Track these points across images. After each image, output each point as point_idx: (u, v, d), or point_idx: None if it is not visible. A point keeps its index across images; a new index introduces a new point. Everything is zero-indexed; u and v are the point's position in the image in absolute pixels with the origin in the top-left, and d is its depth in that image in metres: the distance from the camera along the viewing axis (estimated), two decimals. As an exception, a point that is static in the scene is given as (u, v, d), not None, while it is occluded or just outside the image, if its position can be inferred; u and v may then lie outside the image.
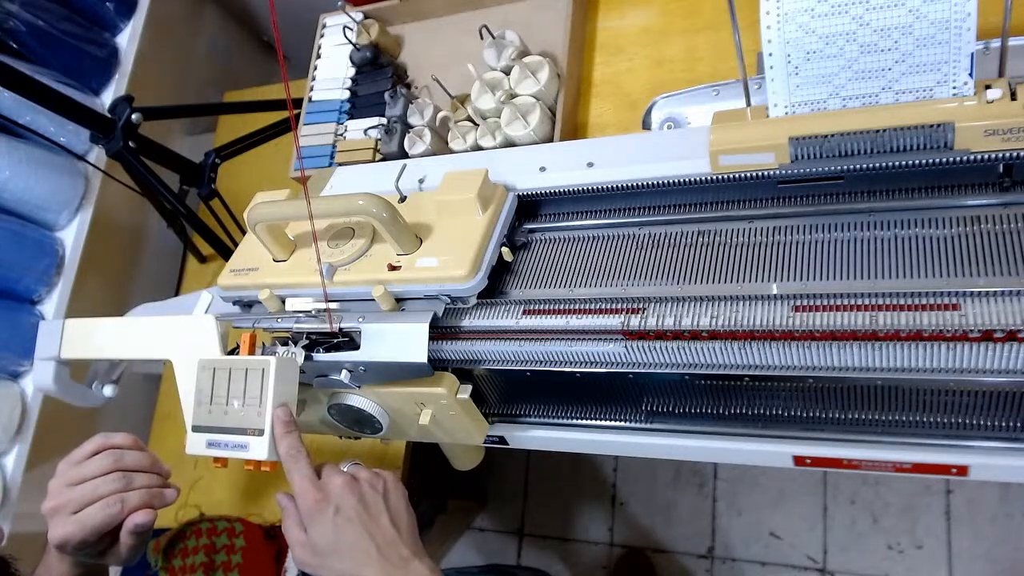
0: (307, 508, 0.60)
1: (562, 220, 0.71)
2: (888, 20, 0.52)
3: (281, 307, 0.71)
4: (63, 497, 0.64)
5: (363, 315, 0.66)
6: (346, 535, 0.58)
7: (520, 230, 0.71)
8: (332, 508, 0.59)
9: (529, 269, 0.68)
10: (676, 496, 1.64)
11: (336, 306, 0.68)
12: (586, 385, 0.66)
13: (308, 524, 0.60)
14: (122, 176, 1.06)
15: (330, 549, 0.59)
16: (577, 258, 0.67)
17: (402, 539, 0.60)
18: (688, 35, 0.93)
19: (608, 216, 0.69)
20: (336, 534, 0.59)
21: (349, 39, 1.03)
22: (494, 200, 0.67)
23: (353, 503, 0.60)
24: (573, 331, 0.61)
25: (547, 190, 0.69)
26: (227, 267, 0.75)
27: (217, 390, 0.66)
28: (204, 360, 0.67)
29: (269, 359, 0.64)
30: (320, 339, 0.68)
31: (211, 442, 0.65)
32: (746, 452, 0.62)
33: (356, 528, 0.59)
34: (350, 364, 0.66)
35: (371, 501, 0.60)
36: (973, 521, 1.44)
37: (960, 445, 0.56)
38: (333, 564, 0.59)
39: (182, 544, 1.02)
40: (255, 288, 0.72)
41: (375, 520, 0.60)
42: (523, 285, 0.67)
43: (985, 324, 0.48)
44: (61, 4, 1.26)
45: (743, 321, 0.55)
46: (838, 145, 0.56)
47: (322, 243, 0.70)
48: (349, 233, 0.70)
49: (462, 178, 0.67)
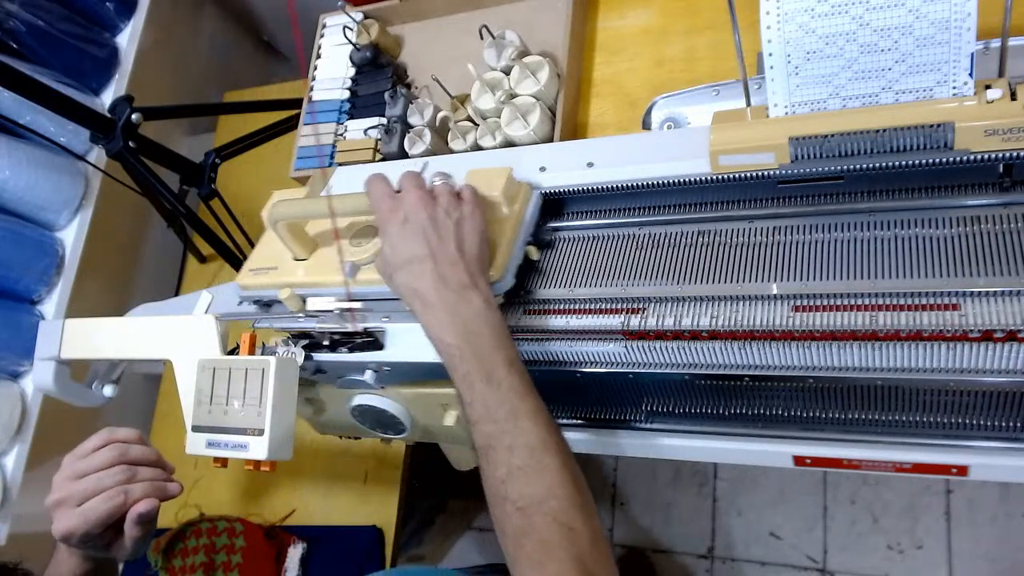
0: (381, 218, 0.60)
1: (562, 220, 0.71)
2: (888, 20, 0.52)
3: (302, 306, 0.70)
4: (67, 490, 0.64)
5: (388, 315, 0.65)
6: (409, 247, 0.58)
7: (545, 228, 0.70)
8: (401, 218, 0.59)
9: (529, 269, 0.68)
10: (676, 496, 1.64)
11: (359, 305, 0.67)
12: (586, 385, 0.66)
13: (381, 234, 0.61)
14: (122, 176, 1.06)
15: (395, 261, 0.59)
16: (577, 258, 0.66)
17: (464, 266, 0.58)
18: (688, 35, 0.93)
19: (607, 216, 0.69)
20: (400, 245, 0.58)
21: (349, 39, 1.03)
22: (519, 198, 0.66)
23: (423, 218, 0.59)
24: (573, 331, 0.61)
25: (573, 188, 0.68)
26: (245, 266, 0.74)
27: (217, 390, 0.66)
28: (204, 360, 0.67)
29: (269, 359, 0.64)
30: (343, 339, 0.68)
31: (211, 442, 0.65)
32: (746, 452, 0.62)
33: (419, 242, 0.58)
34: (375, 364, 0.65)
35: (441, 222, 0.59)
36: (973, 521, 1.44)
37: (960, 445, 0.56)
38: (397, 277, 0.59)
39: (182, 544, 1.02)
40: (275, 287, 0.71)
41: (441, 240, 0.58)
42: (528, 286, 0.67)
43: (985, 324, 0.48)
44: (61, 4, 1.26)
45: (743, 321, 0.55)
46: (838, 145, 0.56)
47: (343, 241, 0.69)
48: (371, 231, 0.68)
49: (486, 176, 0.65)
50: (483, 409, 0.54)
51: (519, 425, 0.53)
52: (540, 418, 0.53)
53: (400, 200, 0.60)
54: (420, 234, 0.58)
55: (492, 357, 0.55)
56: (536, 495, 0.51)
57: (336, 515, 1.03)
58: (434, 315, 0.56)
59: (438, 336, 0.56)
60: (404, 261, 0.58)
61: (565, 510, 0.50)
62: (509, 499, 0.51)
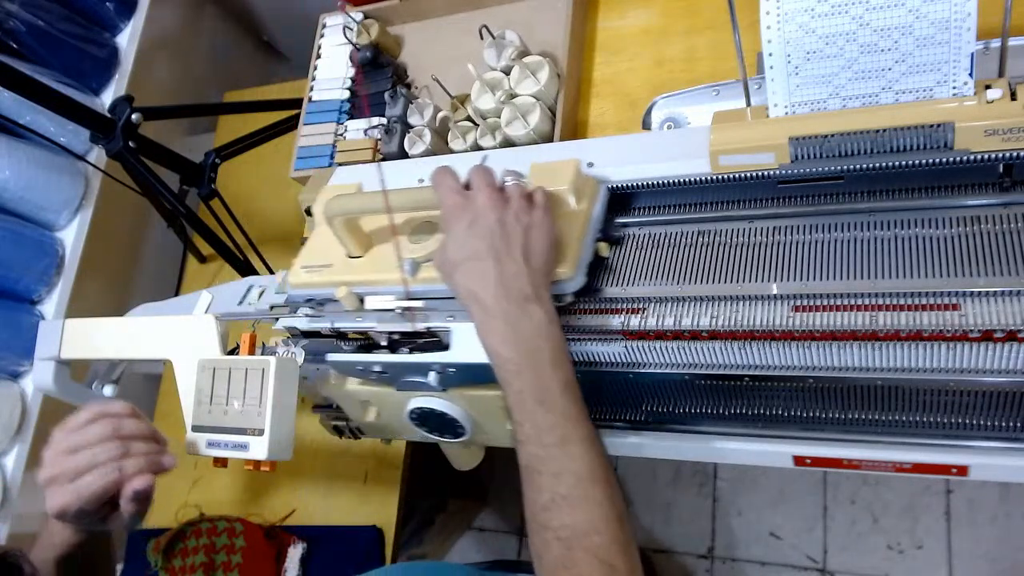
0: (446, 214, 0.58)
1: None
2: (888, 20, 0.52)
3: (359, 305, 0.67)
4: (59, 466, 0.60)
5: (452, 314, 0.62)
6: (473, 248, 0.56)
7: (614, 224, 0.67)
8: (468, 217, 0.57)
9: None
10: (676, 496, 1.64)
11: (420, 304, 0.64)
12: (586, 385, 0.65)
13: (444, 230, 0.58)
14: (122, 176, 1.06)
15: (455, 259, 0.57)
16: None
17: (528, 276, 0.55)
18: (688, 35, 0.93)
19: (607, 216, 0.69)
20: (465, 245, 0.56)
21: (349, 39, 1.03)
22: (587, 192, 0.64)
23: (491, 220, 0.56)
24: (572, 330, 0.61)
25: (641, 182, 0.65)
26: (296, 263, 0.71)
27: (217, 390, 0.66)
28: (204, 360, 0.67)
29: (269, 359, 0.64)
30: (403, 339, 0.65)
31: (211, 442, 0.66)
32: (746, 452, 0.62)
33: (484, 245, 0.55)
34: (438, 366, 0.62)
35: (511, 226, 0.56)
36: (973, 521, 1.44)
37: (960, 445, 0.56)
38: (456, 276, 0.57)
39: (182, 544, 1.02)
40: (330, 285, 0.68)
41: (508, 246, 0.55)
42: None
43: (985, 324, 0.48)
44: (61, 4, 1.26)
45: (743, 321, 0.55)
46: (838, 145, 0.56)
47: (402, 238, 0.67)
48: (430, 227, 0.66)
49: (553, 169, 0.63)
50: (533, 431, 0.52)
51: (568, 452, 0.51)
52: (591, 447, 0.52)
53: (470, 198, 0.58)
54: (487, 237, 0.56)
55: (549, 377, 0.53)
56: (579, 527, 0.49)
57: (336, 515, 1.03)
58: (492, 324, 0.55)
59: (493, 347, 0.55)
60: (465, 260, 0.56)
61: (608, 547, 0.49)
62: (550, 528, 0.50)
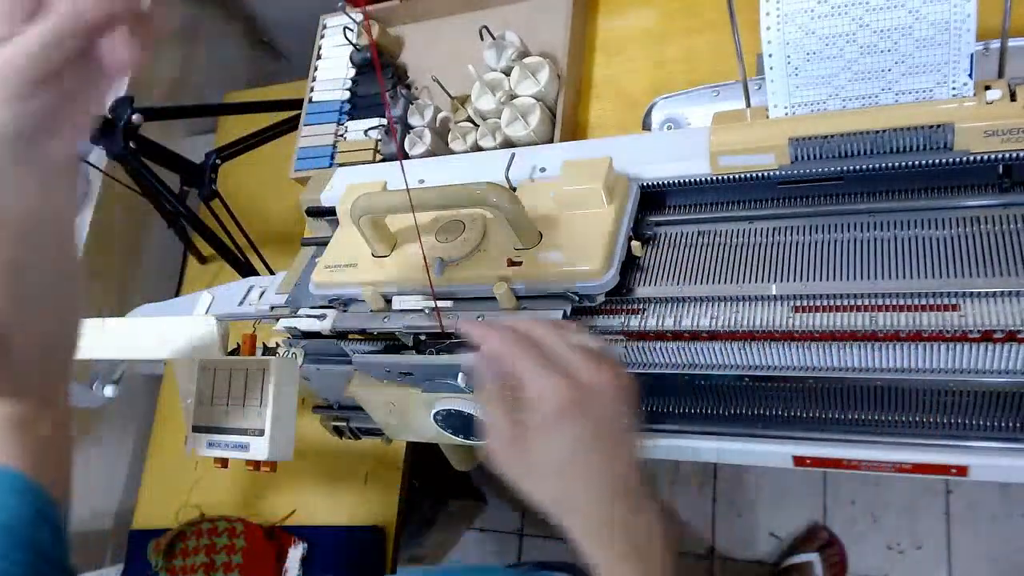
0: (549, 408, 0.46)
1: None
2: (888, 21, 0.52)
3: (385, 306, 0.66)
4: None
5: (481, 314, 0.62)
6: (584, 450, 0.46)
7: (646, 223, 0.66)
8: (578, 413, 0.46)
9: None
10: (676, 496, 1.64)
11: (449, 304, 0.63)
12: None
13: (536, 421, 0.47)
14: (122, 177, 1.06)
15: (546, 461, 0.47)
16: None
17: (637, 474, 0.48)
18: (688, 36, 0.94)
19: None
20: (570, 447, 0.46)
21: (349, 40, 1.03)
22: (618, 190, 0.63)
23: (607, 415, 0.47)
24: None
25: (673, 181, 0.64)
26: (321, 262, 0.70)
27: (218, 390, 0.66)
28: (204, 360, 0.68)
29: (269, 359, 0.64)
30: (430, 340, 0.65)
31: (212, 442, 0.66)
32: (746, 452, 0.62)
33: (599, 448, 0.46)
34: (467, 367, 0.61)
35: (618, 421, 0.48)
36: (973, 521, 1.44)
37: (960, 445, 0.56)
38: (543, 485, 0.48)
39: (182, 544, 1.02)
40: (356, 285, 0.67)
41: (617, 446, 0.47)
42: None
43: (985, 324, 0.48)
44: (61, 4, 1.26)
45: (743, 322, 0.55)
46: (838, 146, 0.56)
47: (429, 237, 0.66)
48: (458, 227, 0.65)
49: (584, 167, 0.63)
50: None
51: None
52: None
53: (586, 390, 0.46)
54: (606, 438, 0.47)
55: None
56: None
57: (336, 515, 1.03)
58: (597, 533, 0.47)
59: (592, 551, 0.47)
60: (563, 465, 0.46)
61: None
62: None
